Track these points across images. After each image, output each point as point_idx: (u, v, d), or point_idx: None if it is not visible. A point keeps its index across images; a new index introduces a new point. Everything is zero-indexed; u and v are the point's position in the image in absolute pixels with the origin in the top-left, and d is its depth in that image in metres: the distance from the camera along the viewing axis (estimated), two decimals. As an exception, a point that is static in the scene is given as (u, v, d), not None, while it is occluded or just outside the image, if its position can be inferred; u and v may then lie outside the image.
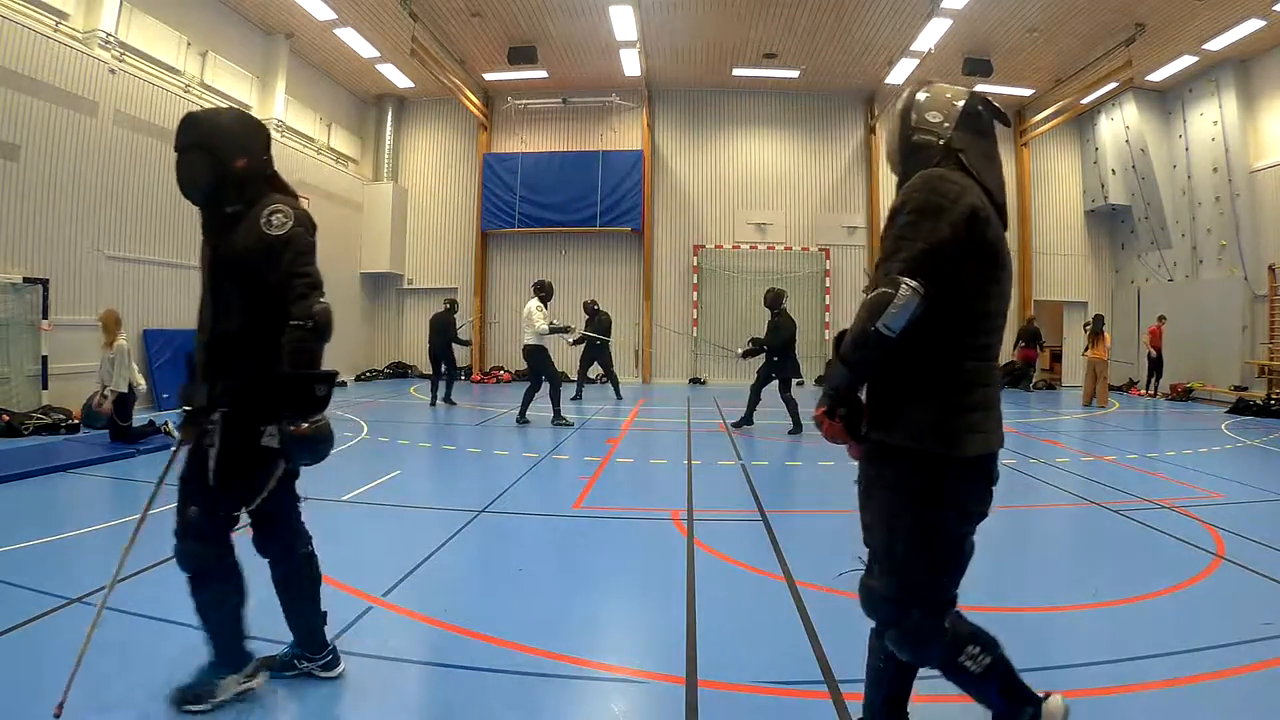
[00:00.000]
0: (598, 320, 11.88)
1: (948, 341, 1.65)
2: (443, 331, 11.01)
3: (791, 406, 8.23)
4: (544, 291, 8.71)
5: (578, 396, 11.51)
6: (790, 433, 8.15)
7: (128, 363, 6.69)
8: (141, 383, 6.94)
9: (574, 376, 12.35)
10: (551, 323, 8.50)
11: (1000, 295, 1.70)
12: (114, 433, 6.56)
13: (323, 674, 2.35)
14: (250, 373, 2.09)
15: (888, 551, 1.71)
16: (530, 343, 8.35)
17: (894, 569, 1.70)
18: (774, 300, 8.54)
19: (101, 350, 6.78)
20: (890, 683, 1.88)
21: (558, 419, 8.47)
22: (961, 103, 1.77)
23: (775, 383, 8.32)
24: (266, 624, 2.41)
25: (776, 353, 8.27)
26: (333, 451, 2.19)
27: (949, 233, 1.57)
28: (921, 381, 1.65)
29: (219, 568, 2.15)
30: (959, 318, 1.64)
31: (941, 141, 1.73)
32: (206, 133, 2.16)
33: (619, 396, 12.00)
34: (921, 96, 1.81)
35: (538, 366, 8.40)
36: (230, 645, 2.18)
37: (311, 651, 2.34)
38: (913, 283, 1.53)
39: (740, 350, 9.12)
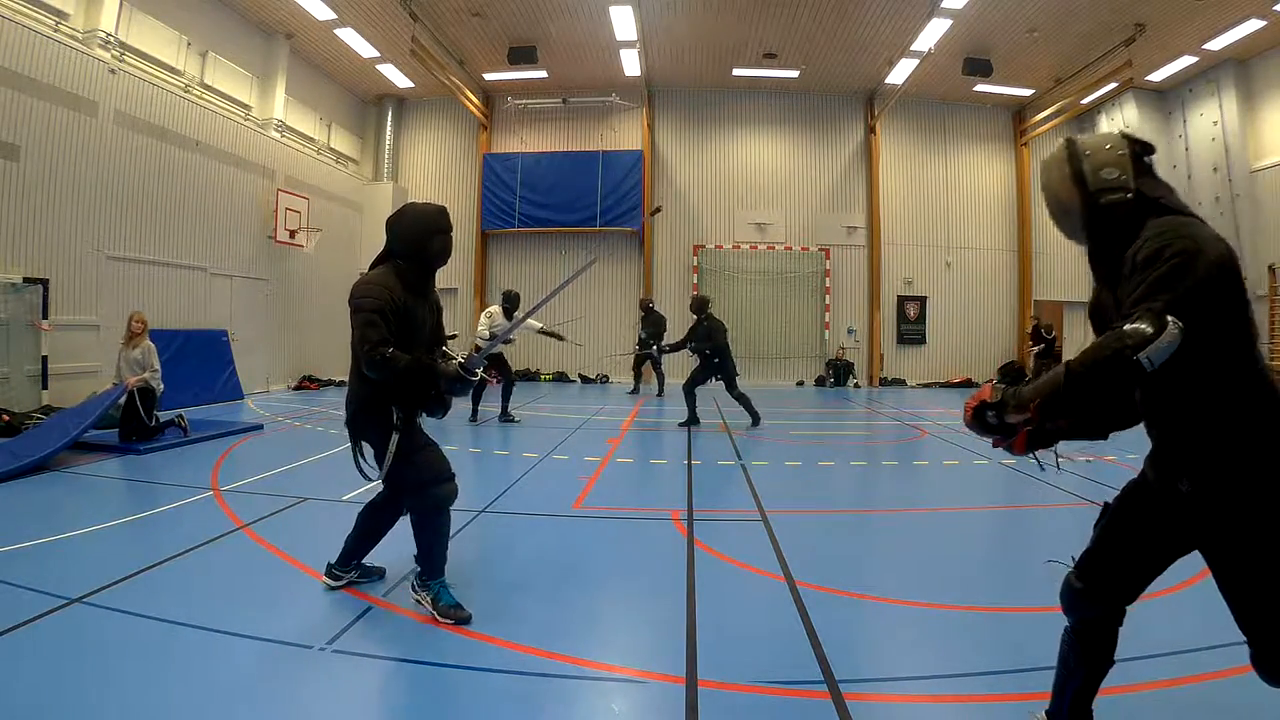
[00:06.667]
0: (652, 319, 12.36)
1: (1248, 369, 1.61)
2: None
3: (745, 402, 8.49)
4: (508, 302, 9.05)
5: (634, 391, 12.84)
6: (750, 428, 8.38)
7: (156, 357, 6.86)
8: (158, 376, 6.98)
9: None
10: (492, 331, 8.86)
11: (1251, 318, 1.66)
12: (128, 431, 6.56)
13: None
14: None
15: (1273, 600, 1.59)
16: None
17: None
18: (700, 305, 8.69)
19: (125, 348, 6.82)
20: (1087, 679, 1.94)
21: (474, 418, 8.95)
22: (1125, 150, 1.73)
23: (721, 384, 8.59)
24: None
25: (716, 354, 8.41)
26: (333, 451, 2.20)
27: (1211, 274, 1.53)
28: (1245, 418, 1.59)
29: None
30: (1241, 347, 1.61)
31: (1131, 195, 1.70)
32: None
33: (659, 393, 12.69)
34: (1087, 158, 1.74)
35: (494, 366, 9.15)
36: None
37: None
38: (1179, 321, 1.46)
39: (665, 346, 9.59)
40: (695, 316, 8.65)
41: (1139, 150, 1.75)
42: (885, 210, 16.05)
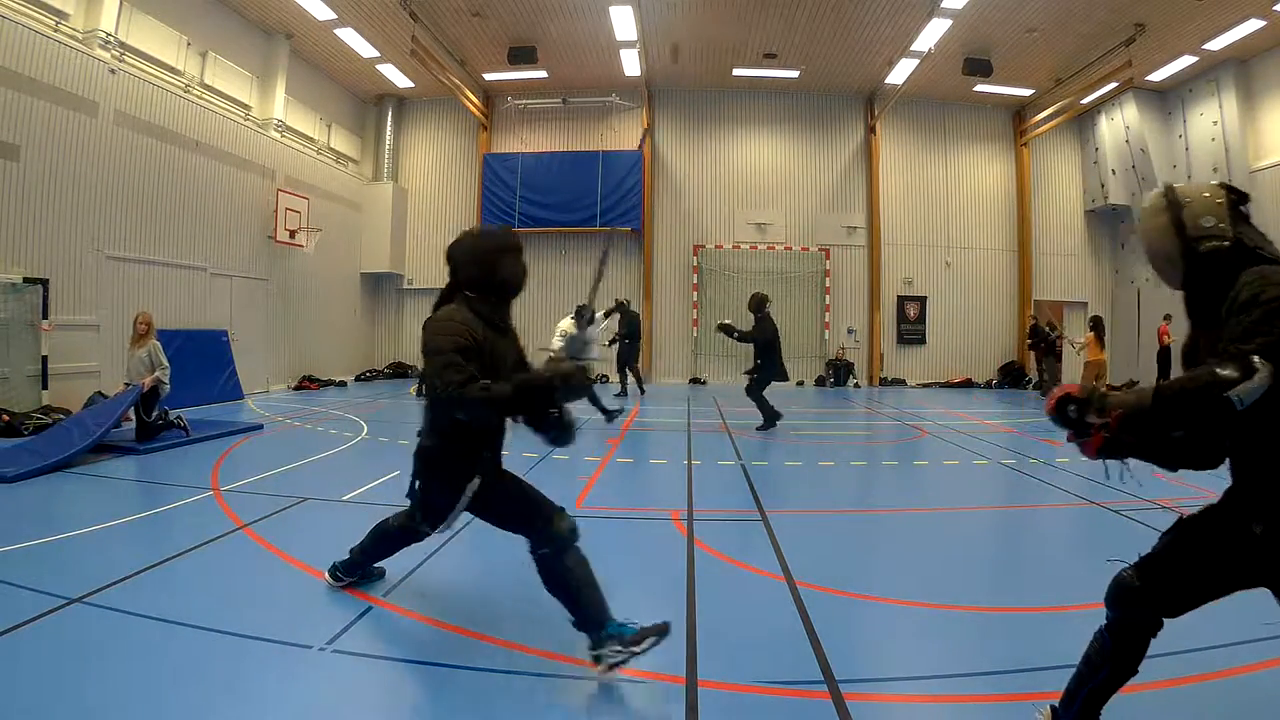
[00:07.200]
0: (627, 319, 12.15)
1: None
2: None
3: (762, 405, 8.40)
4: (580, 316, 8.86)
5: (622, 394, 12.24)
6: (759, 428, 8.31)
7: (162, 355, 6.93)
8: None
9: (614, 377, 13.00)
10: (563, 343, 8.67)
11: None
12: (142, 431, 6.67)
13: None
14: None
15: None
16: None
17: None
18: (758, 304, 8.60)
19: (132, 349, 6.86)
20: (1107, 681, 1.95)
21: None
22: (1222, 198, 1.78)
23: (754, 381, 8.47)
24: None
25: (761, 354, 8.37)
26: (333, 451, 2.20)
27: None
28: None
29: None
30: None
31: (1229, 243, 1.74)
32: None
33: (641, 392, 12.50)
34: (1185, 205, 1.79)
35: None
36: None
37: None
38: (1270, 364, 1.50)
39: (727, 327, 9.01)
40: (754, 315, 8.57)
41: (1235, 199, 1.79)
42: (885, 210, 16.05)
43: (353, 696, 2.32)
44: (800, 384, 15.84)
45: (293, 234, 12.54)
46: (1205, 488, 5.87)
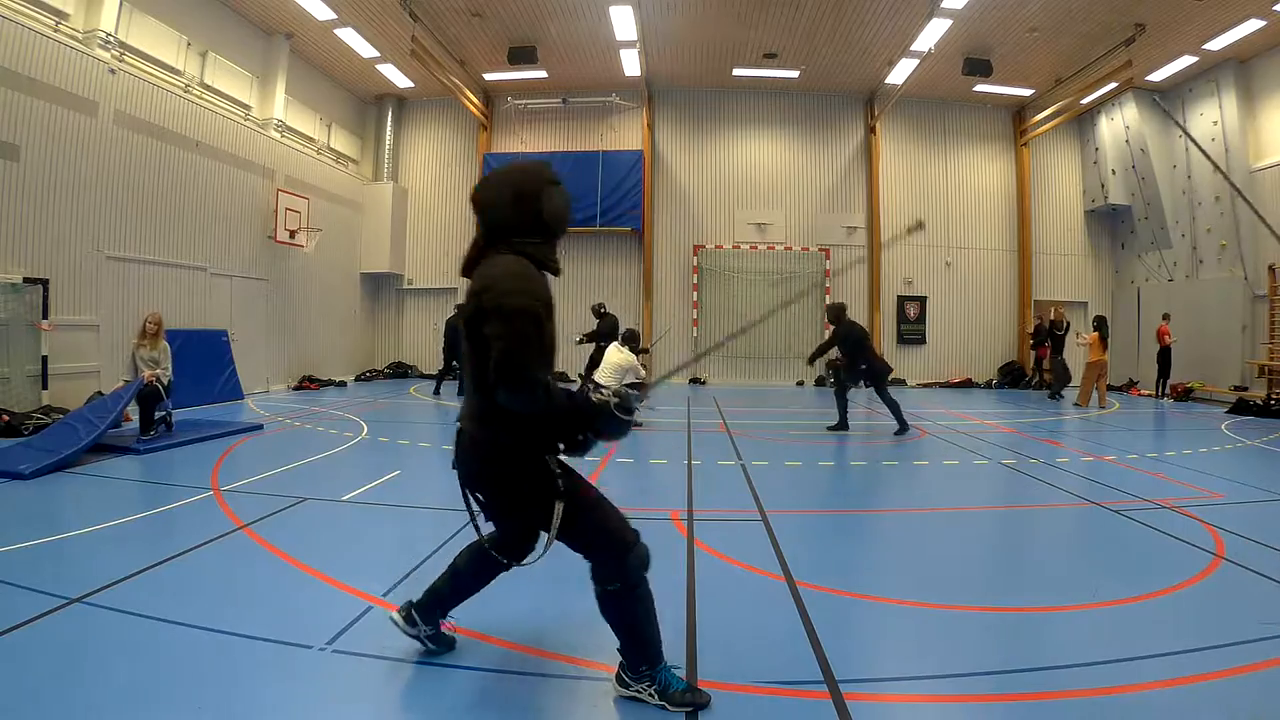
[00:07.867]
0: (605, 323, 11.93)
1: None
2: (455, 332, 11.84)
3: (894, 407, 8.52)
4: (632, 340, 9.04)
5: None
6: (896, 433, 8.39)
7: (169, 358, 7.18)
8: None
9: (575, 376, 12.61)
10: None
11: None
12: (147, 425, 6.84)
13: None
14: None
15: None
16: None
17: None
18: (836, 315, 8.84)
19: (143, 349, 7.03)
20: None
21: None
22: None
23: (849, 377, 8.87)
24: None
25: (855, 354, 8.66)
26: (333, 451, 2.17)
27: None
28: None
29: None
30: None
31: None
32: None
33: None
34: None
35: None
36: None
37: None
38: None
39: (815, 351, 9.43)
40: (833, 325, 8.84)
41: None
42: (885, 210, 16.05)
43: (353, 696, 2.32)
44: (800, 384, 15.85)
45: (293, 234, 12.54)
46: (1207, 488, 5.88)
